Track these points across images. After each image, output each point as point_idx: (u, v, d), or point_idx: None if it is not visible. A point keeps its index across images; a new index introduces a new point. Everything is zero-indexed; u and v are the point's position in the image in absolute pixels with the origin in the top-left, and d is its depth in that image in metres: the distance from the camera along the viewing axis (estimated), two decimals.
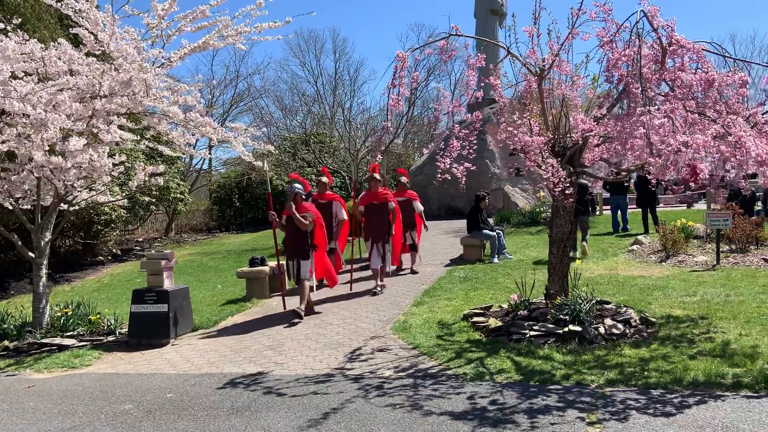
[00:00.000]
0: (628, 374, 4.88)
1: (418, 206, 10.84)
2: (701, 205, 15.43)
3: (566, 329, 5.98)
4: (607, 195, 22.32)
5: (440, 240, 14.91)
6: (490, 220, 16.18)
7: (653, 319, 6.43)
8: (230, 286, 10.98)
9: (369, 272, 10.11)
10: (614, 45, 5.04)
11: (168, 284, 7.24)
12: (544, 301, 6.80)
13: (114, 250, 15.76)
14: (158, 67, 7.88)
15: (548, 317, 6.30)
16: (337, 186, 25.25)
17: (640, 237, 11.78)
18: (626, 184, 14.34)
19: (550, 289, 6.72)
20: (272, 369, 5.64)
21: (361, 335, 6.73)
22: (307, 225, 7.74)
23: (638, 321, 6.40)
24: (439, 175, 6.62)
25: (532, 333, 6.09)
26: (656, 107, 4.57)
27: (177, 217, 23.63)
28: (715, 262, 9.52)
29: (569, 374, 4.96)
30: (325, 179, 9.89)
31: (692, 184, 4.93)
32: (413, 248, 10.87)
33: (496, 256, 11.29)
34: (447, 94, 6.27)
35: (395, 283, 9.80)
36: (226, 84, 34.00)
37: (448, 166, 6.55)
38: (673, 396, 4.36)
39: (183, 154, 9.25)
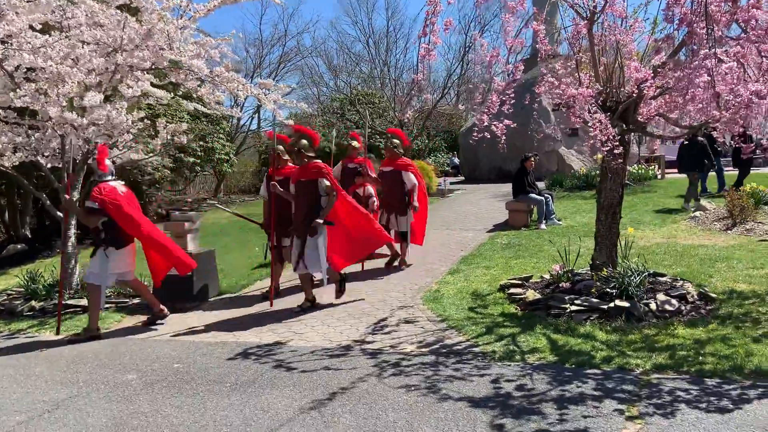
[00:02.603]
0: (679, 359, 4.29)
1: (411, 179, 7.94)
2: None
3: (612, 305, 5.40)
4: (670, 157, 21.02)
5: (486, 204, 14.31)
6: (541, 184, 15.42)
7: (713, 295, 5.75)
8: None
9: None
10: None
11: (192, 247, 7.01)
12: (590, 273, 6.21)
13: (160, 211, 15.87)
14: (187, 19, 7.55)
15: (593, 291, 5.72)
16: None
17: (703, 202, 10.85)
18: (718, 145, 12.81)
19: (597, 259, 6.11)
20: (290, 339, 5.32)
21: (389, 304, 6.34)
22: (85, 220, 5.99)
23: (696, 296, 5.74)
24: (475, 134, 6.05)
25: (573, 308, 5.53)
26: (723, 50, 3.86)
27: (225, 178, 23.73)
28: None
29: (611, 357, 4.41)
30: (280, 148, 7.04)
31: None
32: (403, 237, 8.14)
33: (544, 221, 10.63)
34: (484, 43, 5.63)
35: (429, 251, 9.31)
36: (273, 43, 33.73)
37: (486, 124, 5.97)
38: (730, 387, 3.77)
39: (215, 111, 8.92)
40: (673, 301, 5.49)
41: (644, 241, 8.78)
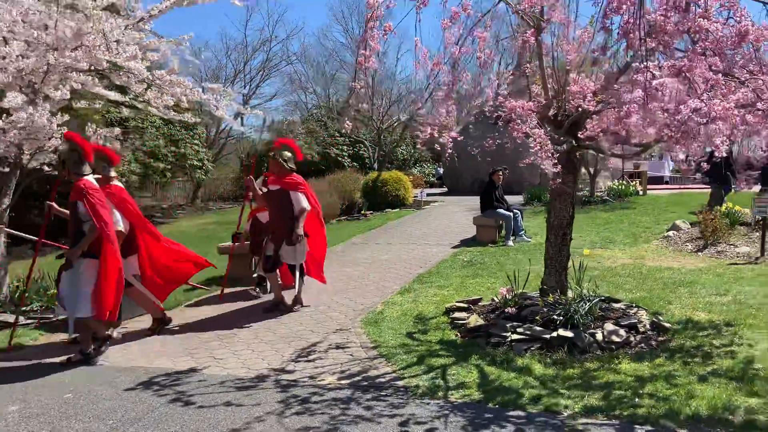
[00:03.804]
0: (614, 400, 3.90)
1: (300, 201, 6.43)
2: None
3: (554, 334, 5.01)
4: (653, 173, 20.70)
5: (461, 217, 13.94)
6: (519, 198, 15.05)
7: (667, 325, 5.37)
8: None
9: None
10: None
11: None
12: (540, 298, 5.83)
13: None
14: (138, 21, 7.23)
15: (537, 318, 5.34)
16: (369, 157, 24.30)
17: (678, 222, 10.50)
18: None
19: (546, 283, 5.72)
20: (206, 365, 4.91)
21: (326, 327, 5.93)
22: None
23: (648, 326, 5.35)
24: (420, 146, 5.69)
25: (515, 336, 5.14)
26: (656, 63, 3.50)
27: (204, 185, 23.31)
28: (759, 254, 8.25)
29: (540, 396, 4.02)
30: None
31: None
32: (292, 271, 6.73)
33: (512, 238, 10.26)
34: (425, 50, 5.26)
35: (386, 268, 8.93)
36: (256, 48, 33.60)
37: (428, 135, 5.61)
38: None
39: (166, 116, 8.52)
40: (622, 332, 5.11)
41: (611, 261, 8.42)
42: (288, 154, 6.60)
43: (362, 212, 15.92)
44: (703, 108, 3.44)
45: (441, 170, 26.71)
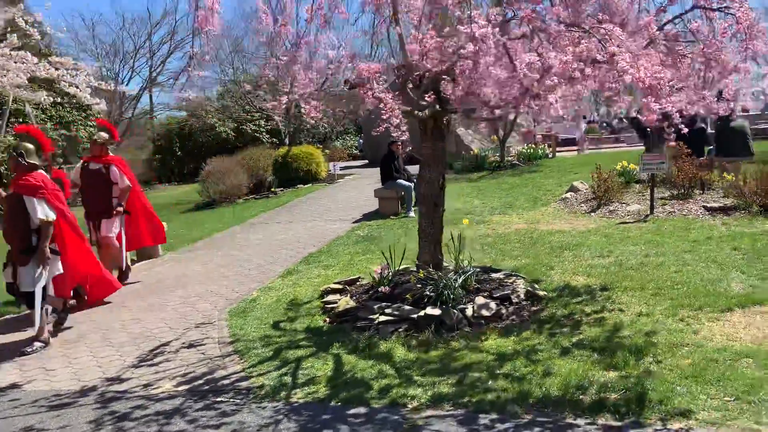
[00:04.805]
0: (467, 385, 3.60)
1: (36, 209, 4.86)
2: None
3: (422, 313, 4.69)
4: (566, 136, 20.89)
5: (369, 191, 13.45)
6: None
7: (542, 293, 5.16)
8: None
9: None
10: None
11: None
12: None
13: None
14: None
15: (408, 296, 5.00)
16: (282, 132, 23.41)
17: (576, 183, 10.46)
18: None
19: (420, 258, 5.40)
20: (32, 378, 4.32)
21: (188, 322, 5.42)
22: None
23: (523, 296, 5.11)
24: (280, 117, 5.18)
25: (382, 318, 4.79)
26: (479, 12, 3.12)
27: None
28: (648, 212, 8.25)
29: (391, 386, 3.68)
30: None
31: None
32: (28, 303, 5.25)
33: (413, 209, 9.94)
34: (265, 8, 4.70)
35: (278, 248, 8.44)
36: (157, 21, 31.84)
37: (283, 106, 5.12)
38: (503, 427, 3.10)
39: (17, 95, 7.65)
40: (492, 305, 4.84)
41: (505, 227, 8.23)
42: (29, 146, 5.09)
43: (272, 189, 15.31)
44: (536, 62, 3.10)
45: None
